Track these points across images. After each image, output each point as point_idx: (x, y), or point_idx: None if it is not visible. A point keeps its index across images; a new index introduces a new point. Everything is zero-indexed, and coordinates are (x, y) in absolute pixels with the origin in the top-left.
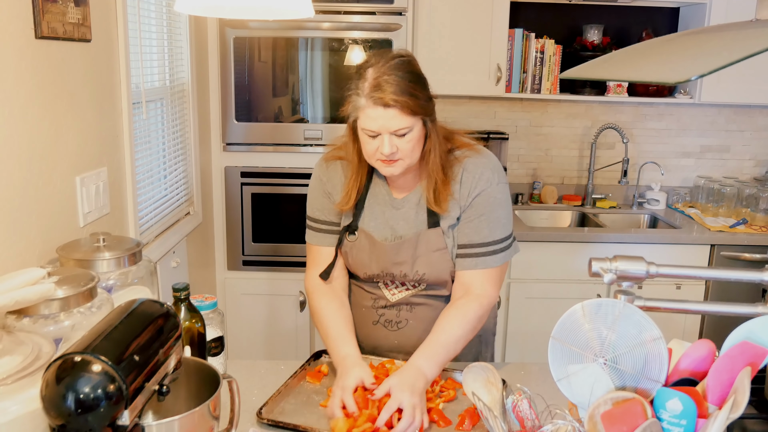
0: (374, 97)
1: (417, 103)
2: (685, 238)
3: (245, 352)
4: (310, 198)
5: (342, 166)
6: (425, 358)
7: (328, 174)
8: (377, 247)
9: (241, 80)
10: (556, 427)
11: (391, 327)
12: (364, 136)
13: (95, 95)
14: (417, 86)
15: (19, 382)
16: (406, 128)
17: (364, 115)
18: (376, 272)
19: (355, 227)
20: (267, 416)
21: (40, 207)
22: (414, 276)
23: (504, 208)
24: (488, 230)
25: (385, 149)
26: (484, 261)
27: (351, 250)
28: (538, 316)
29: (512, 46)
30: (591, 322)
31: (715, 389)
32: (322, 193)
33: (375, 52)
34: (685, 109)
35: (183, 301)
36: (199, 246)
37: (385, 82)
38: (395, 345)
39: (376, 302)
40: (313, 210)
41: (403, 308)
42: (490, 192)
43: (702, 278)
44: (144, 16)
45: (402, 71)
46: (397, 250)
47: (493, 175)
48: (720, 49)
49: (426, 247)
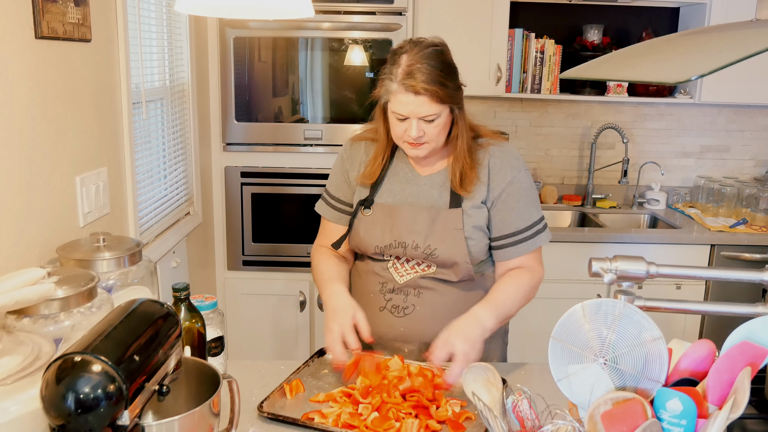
0: (406, 84)
1: (446, 92)
2: (685, 238)
3: (245, 352)
4: (331, 175)
5: (365, 146)
6: (483, 308)
7: (350, 153)
8: (393, 214)
9: (241, 80)
10: (556, 427)
11: (398, 313)
12: (393, 119)
13: (95, 95)
14: (447, 76)
15: (19, 382)
16: (434, 115)
17: (395, 99)
18: (388, 241)
19: (371, 201)
20: (268, 410)
21: (40, 207)
22: (425, 249)
23: (534, 192)
24: (528, 214)
25: (413, 132)
26: (534, 242)
27: (364, 224)
28: (538, 316)
29: (512, 46)
30: (591, 322)
31: (715, 389)
32: (341, 171)
33: (410, 39)
34: (685, 109)
35: (183, 301)
36: (199, 246)
37: (417, 71)
38: (400, 333)
39: (384, 286)
40: (331, 186)
41: (411, 293)
42: (521, 178)
43: (702, 278)
44: (144, 16)
45: (434, 60)
46: (415, 218)
47: (519, 162)
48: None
49: (443, 224)
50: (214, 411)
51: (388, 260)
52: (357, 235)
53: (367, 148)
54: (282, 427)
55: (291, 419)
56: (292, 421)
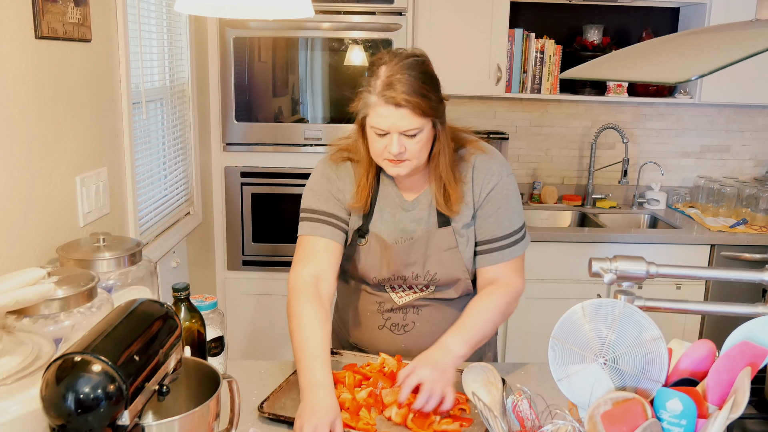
0: (386, 95)
1: (428, 105)
2: (685, 238)
3: (245, 352)
4: (311, 193)
5: (353, 168)
6: (452, 335)
7: (338, 174)
8: (388, 250)
9: (241, 80)
10: (556, 427)
11: (398, 331)
12: (372, 134)
13: (95, 95)
14: (429, 87)
15: (19, 382)
16: (416, 129)
17: (375, 113)
18: (387, 276)
19: (365, 230)
20: (268, 410)
21: (40, 207)
22: (425, 276)
23: (516, 198)
24: (508, 221)
25: (394, 149)
26: (510, 252)
27: (361, 255)
28: (538, 316)
29: (512, 46)
30: (591, 322)
31: (715, 389)
32: (327, 191)
33: (389, 50)
34: (685, 109)
35: (183, 301)
36: (199, 246)
37: (397, 81)
38: (402, 349)
39: (382, 306)
40: (312, 202)
41: (410, 311)
42: (502, 185)
43: (702, 278)
44: (144, 16)
45: (415, 71)
46: (408, 251)
47: (502, 168)
48: (720, 49)
49: (437, 246)
50: (214, 411)
51: (386, 285)
52: (354, 265)
53: (355, 169)
54: (282, 428)
55: (292, 419)
56: (293, 422)
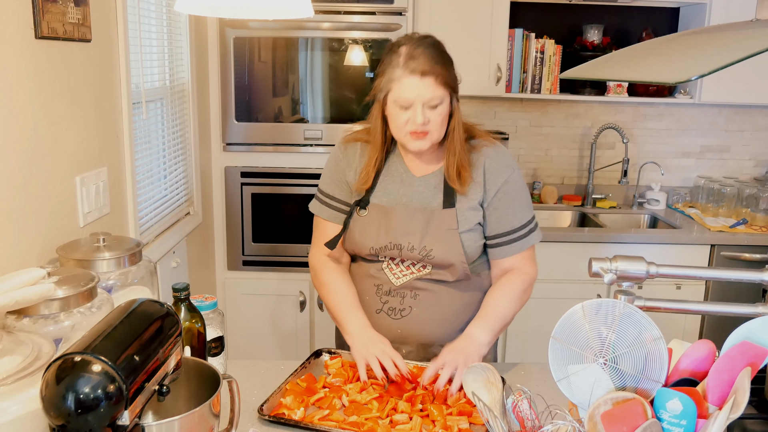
0: (411, 66)
1: (449, 75)
2: (685, 238)
3: (245, 352)
4: (324, 174)
5: (360, 148)
6: (475, 326)
7: (345, 155)
8: (389, 217)
9: (241, 80)
10: (556, 427)
11: (395, 315)
12: (395, 110)
13: (95, 95)
14: (447, 62)
15: (19, 382)
16: (439, 99)
17: (400, 85)
18: (383, 243)
19: (366, 202)
20: (269, 412)
21: (40, 207)
22: (421, 250)
23: (527, 191)
24: (522, 213)
25: (419, 118)
26: (526, 241)
27: (359, 225)
28: (538, 316)
29: (512, 46)
30: (591, 322)
31: (715, 389)
32: (336, 171)
33: (405, 35)
34: (685, 109)
35: (183, 301)
36: (199, 246)
37: (420, 54)
38: (398, 335)
39: (380, 288)
40: (326, 185)
41: (407, 294)
42: (515, 177)
43: (702, 278)
44: (144, 16)
45: (433, 49)
46: (409, 219)
47: (512, 161)
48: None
49: (438, 225)
50: (214, 411)
51: (382, 261)
52: (352, 236)
53: (362, 150)
54: (282, 428)
55: (293, 421)
56: (294, 424)
